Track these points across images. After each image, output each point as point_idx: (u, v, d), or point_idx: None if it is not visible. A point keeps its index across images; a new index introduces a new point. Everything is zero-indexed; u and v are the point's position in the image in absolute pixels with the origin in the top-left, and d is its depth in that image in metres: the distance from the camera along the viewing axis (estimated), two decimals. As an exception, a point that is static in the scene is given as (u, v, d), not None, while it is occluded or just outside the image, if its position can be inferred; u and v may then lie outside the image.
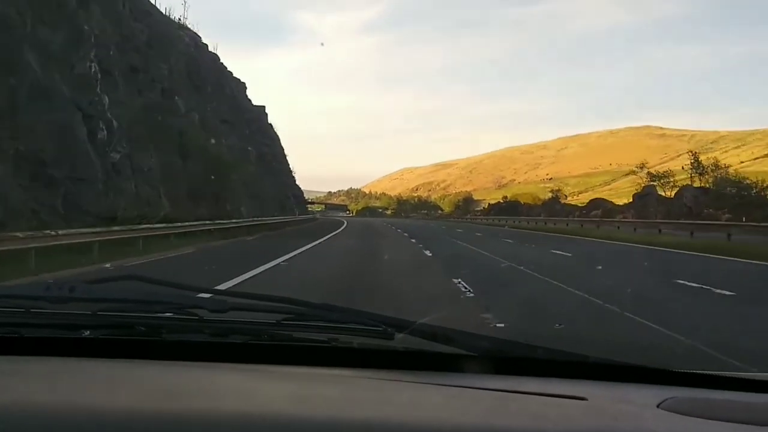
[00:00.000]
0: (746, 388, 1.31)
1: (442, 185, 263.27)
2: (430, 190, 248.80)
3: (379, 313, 1.48)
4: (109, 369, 1.30)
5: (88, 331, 1.41)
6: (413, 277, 12.70)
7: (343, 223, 55.54)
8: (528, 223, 53.80)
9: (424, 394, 1.21)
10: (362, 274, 13.48)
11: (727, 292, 9.73)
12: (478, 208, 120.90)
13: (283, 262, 14.92)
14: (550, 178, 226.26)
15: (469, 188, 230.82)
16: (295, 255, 17.29)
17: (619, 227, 36.63)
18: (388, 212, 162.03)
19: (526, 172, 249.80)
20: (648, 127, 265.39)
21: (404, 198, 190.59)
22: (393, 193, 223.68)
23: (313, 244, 22.94)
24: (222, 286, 8.59)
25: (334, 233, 34.36)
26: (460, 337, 1.38)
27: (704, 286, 10.25)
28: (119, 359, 1.35)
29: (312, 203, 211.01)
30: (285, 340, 1.43)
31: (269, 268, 13.20)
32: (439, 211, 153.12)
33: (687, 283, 10.85)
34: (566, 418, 1.08)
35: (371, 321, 1.42)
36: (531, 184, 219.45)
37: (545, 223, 48.42)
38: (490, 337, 1.45)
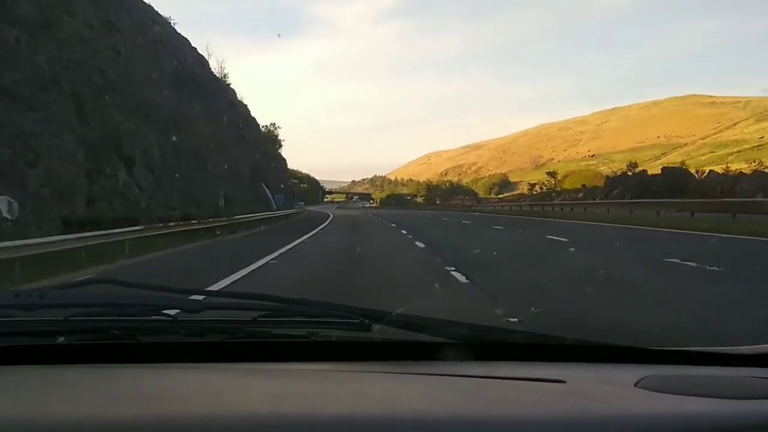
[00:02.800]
0: (722, 363, 1.34)
1: (473, 168, 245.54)
2: (460, 174, 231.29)
3: (356, 305, 1.46)
4: (84, 375, 1.28)
5: (62, 338, 1.38)
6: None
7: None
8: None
9: (403, 384, 1.21)
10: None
11: None
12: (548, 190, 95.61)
13: None
14: (593, 155, 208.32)
15: (503, 170, 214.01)
16: None
17: None
18: (419, 199, 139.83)
19: (565, 150, 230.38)
20: (694, 95, 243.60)
21: (434, 183, 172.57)
22: (420, 178, 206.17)
23: None
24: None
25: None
26: (437, 325, 1.38)
27: None
28: (94, 364, 1.33)
29: (331, 193, 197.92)
30: (262, 337, 1.41)
31: None
32: (480, 196, 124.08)
33: None
34: (545, 402, 1.09)
35: (349, 314, 1.42)
36: (572, 162, 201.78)
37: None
38: (467, 324, 1.43)
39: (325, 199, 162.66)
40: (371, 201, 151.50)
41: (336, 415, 0.98)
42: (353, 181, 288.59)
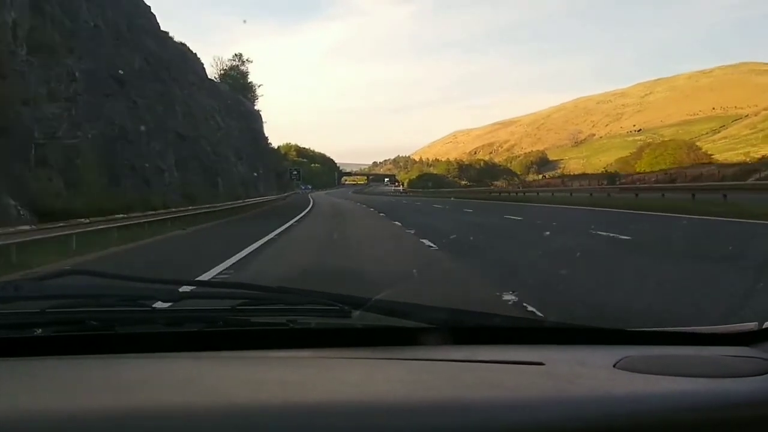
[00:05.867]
0: (698, 343, 1.35)
1: (505, 146, 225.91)
2: (491, 153, 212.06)
3: (335, 292, 1.45)
4: (62, 367, 1.25)
5: (39, 330, 1.36)
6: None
7: None
8: None
9: (383, 369, 1.21)
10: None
11: None
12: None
13: None
14: (639, 129, 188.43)
15: (538, 147, 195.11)
16: None
17: None
18: (461, 181, 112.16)
19: (607, 125, 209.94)
20: (747, 63, 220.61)
21: (466, 162, 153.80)
22: (446, 158, 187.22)
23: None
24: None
25: None
26: (416, 310, 1.39)
27: None
28: (72, 356, 1.31)
29: (350, 174, 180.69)
30: (241, 326, 1.41)
31: None
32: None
33: None
34: (524, 384, 1.09)
35: (328, 300, 1.42)
36: (616, 138, 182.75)
37: None
38: (446, 308, 1.44)
39: (343, 182, 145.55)
40: (396, 183, 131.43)
41: (315, 401, 0.97)
42: (374, 163, 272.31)
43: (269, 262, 10.43)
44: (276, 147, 73.88)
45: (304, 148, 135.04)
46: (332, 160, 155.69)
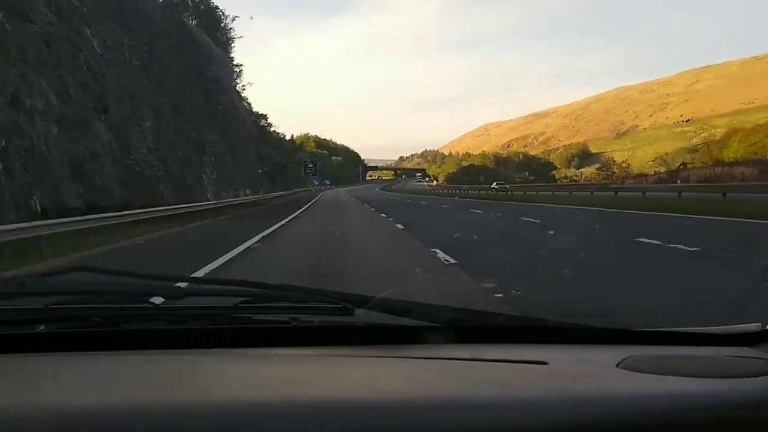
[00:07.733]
0: (701, 343, 1.35)
1: (540, 138, 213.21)
2: (526, 145, 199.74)
3: (339, 290, 1.46)
4: (65, 363, 1.26)
5: (42, 326, 1.37)
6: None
7: None
8: None
9: (386, 368, 1.21)
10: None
11: None
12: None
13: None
14: (687, 120, 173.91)
15: (577, 139, 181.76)
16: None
17: None
18: (521, 175, 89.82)
19: (651, 115, 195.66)
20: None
21: (503, 155, 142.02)
22: (483, 150, 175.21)
23: None
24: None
25: None
26: (419, 308, 1.39)
27: None
28: (76, 353, 1.32)
29: (375, 168, 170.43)
30: (244, 323, 1.41)
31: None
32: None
33: None
34: (527, 384, 1.09)
35: (331, 298, 1.42)
36: (663, 129, 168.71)
37: None
38: (450, 307, 1.45)
39: (368, 177, 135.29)
40: (427, 178, 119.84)
41: (319, 399, 0.97)
42: (401, 157, 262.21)
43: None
44: (291, 137, 59.66)
45: (324, 139, 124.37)
46: (356, 153, 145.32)
